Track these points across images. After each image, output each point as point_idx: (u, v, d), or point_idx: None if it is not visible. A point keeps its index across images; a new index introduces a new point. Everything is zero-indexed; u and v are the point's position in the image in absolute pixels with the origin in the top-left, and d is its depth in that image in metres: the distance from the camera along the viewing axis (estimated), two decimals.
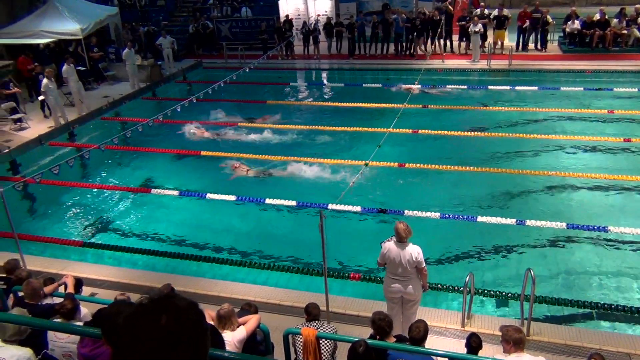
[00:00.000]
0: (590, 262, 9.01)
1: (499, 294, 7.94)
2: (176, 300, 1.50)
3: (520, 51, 20.83)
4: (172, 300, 1.50)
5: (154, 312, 1.44)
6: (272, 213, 11.07)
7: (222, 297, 7.88)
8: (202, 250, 9.96)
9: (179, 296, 1.55)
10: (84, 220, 11.41)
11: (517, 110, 15.59)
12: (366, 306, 7.62)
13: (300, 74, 22.00)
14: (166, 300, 1.49)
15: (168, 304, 1.48)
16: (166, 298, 1.51)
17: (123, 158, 14.04)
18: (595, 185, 11.28)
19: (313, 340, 5.51)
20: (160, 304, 1.48)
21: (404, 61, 20.98)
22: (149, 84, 20.02)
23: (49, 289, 6.57)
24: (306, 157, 12.93)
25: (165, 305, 1.47)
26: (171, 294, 1.56)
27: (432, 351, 5.41)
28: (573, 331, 7.16)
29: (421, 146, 13.81)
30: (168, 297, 1.52)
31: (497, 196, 11.14)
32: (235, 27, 24.64)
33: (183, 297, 1.56)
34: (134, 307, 1.50)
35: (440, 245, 9.57)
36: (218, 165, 13.02)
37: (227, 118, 16.18)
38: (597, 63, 18.94)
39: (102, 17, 21.00)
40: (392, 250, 6.56)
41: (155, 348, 1.39)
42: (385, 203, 10.51)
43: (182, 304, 1.49)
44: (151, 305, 1.48)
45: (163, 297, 1.52)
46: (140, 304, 1.49)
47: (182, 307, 1.48)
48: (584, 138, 13.32)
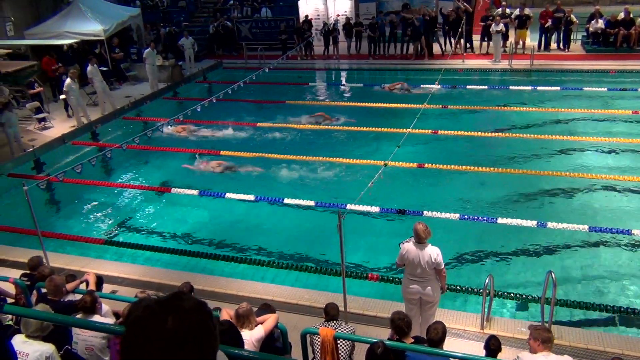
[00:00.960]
0: (613, 265, 8.86)
1: (519, 297, 7.84)
2: (183, 302, 1.51)
3: (543, 51, 20.57)
4: (178, 301, 1.51)
5: (160, 314, 1.45)
6: (290, 213, 11.09)
7: (240, 295, 7.93)
8: (221, 249, 10.04)
9: (186, 296, 1.56)
10: (106, 219, 11.58)
11: (539, 111, 15.39)
12: (384, 307, 7.59)
13: (320, 74, 22.02)
14: (172, 302, 1.50)
15: (174, 305, 1.49)
16: (172, 299, 1.52)
17: (144, 157, 14.20)
18: (619, 188, 11.08)
19: (331, 341, 5.51)
20: (166, 305, 1.49)
21: (423, 61, 20.87)
22: (170, 84, 20.23)
23: (71, 286, 6.69)
24: (325, 157, 12.95)
25: (172, 306, 1.48)
26: (179, 294, 1.56)
27: (450, 353, 5.37)
28: (595, 335, 7.04)
29: (441, 147, 13.72)
30: (175, 297, 1.53)
31: (517, 198, 11.01)
32: (255, 27, 24.75)
33: (191, 297, 1.57)
34: (140, 308, 1.50)
35: (460, 247, 9.50)
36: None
37: (250, 117, 16.28)
38: (621, 63, 18.60)
39: (124, 18, 21.29)
40: (411, 251, 6.53)
41: (161, 349, 1.41)
42: (405, 203, 10.46)
43: (188, 305, 1.50)
44: (157, 306, 1.48)
45: (169, 297, 1.53)
46: (147, 305, 1.50)
47: (188, 308, 1.49)
48: (608, 139, 13.09)
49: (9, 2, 20.26)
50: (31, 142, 14.83)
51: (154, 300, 1.52)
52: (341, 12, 24.04)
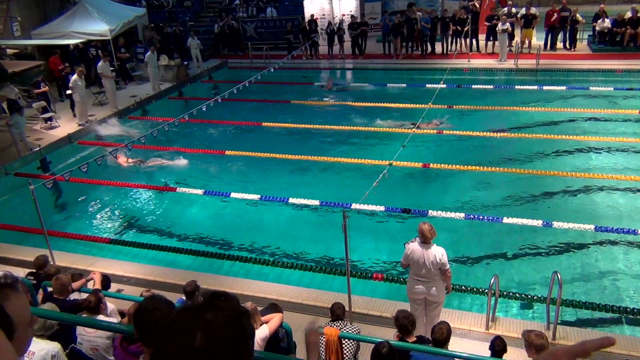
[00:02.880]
0: (619, 265, 8.82)
1: (525, 297, 7.82)
2: (216, 313, 1.38)
3: (549, 50, 20.48)
4: (211, 311, 1.38)
5: (188, 329, 1.34)
6: (295, 212, 11.11)
7: (245, 295, 7.94)
8: (226, 248, 10.06)
9: (221, 304, 1.43)
10: (111, 218, 11.63)
11: (544, 111, 15.33)
12: (389, 307, 7.58)
13: (325, 73, 22.01)
14: (203, 313, 1.38)
15: (205, 319, 1.36)
16: (205, 307, 1.39)
17: (150, 156, 14.23)
18: (626, 188, 11.03)
19: (335, 340, 5.51)
20: (196, 317, 1.37)
21: (429, 61, 20.83)
22: (176, 84, 20.28)
23: (76, 285, 6.72)
24: (330, 157, 12.96)
25: (202, 320, 1.36)
26: (212, 301, 1.43)
27: (455, 354, 5.36)
28: (601, 336, 6.98)
29: (446, 146, 13.70)
30: (207, 306, 1.40)
31: (523, 197, 10.98)
32: (260, 27, 24.78)
33: (225, 304, 1.43)
34: (167, 320, 1.40)
35: (465, 247, 9.49)
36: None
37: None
38: (628, 62, 18.48)
39: (130, 18, 21.36)
40: (416, 251, 6.52)
41: None
42: (410, 203, 10.45)
43: (220, 319, 1.37)
44: (187, 319, 1.37)
45: (202, 305, 1.40)
46: (176, 318, 1.40)
47: (219, 323, 1.36)
48: (614, 139, 13.03)
49: (16, 2, 20.37)
50: (37, 142, 14.91)
51: (182, 310, 1.42)
52: (347, 11, 24.02)
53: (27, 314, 1.69)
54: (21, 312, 1.65)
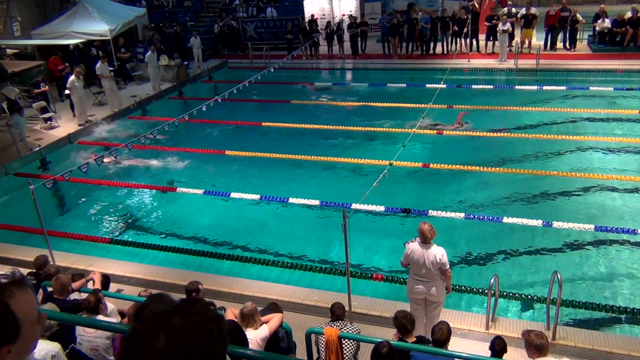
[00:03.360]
0: (619, 265, 8.82)
1: (525, 297, 7.82)
2: (184, 316, 1.37)
3: (548, 50, 20.48)
4: (178, 315, 1.38)
5: (154, 331, 1.34)
6: (295, 212, 11.10)
7: (245, 295, 7.94)
8: (226, 248, 10.06)
9: (192, 308, 1.42)
10: (111, 218, 11.62)
11: (544, 111, 15.32)
12: (389, 307, 7.58)
13: (325, 73, 22.02)
14: (170, 316, 1.37)
15: (170, 322, 1.36)
16: (173, 312, 1.38)
17: (150, 157, 14.23)
18: (625, 188, 11.03)
19: (335, 340, 5.51)
20: (163, 320, 1.37)
21: (429, 61, 20.83)
22: (176, 84, 20.28)
23: (76, 285, 6.71)
24: (330, 157, 12.96)
25: (168, 323, 1.36)
26: (184, 305, 1.43)
27: (455, 354, 5.36)
28: (601, 336, 7.00)
29: (446, 146, 13.69)
30: (175, 310, 1.39)
31: (523, 197, 10.97)
32: (260, 27, 24.78)
33: (196, 309, 1.42)
34: (140, 320, 1.41)
35: (465, 247, 9.49)
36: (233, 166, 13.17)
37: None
38: (628, 62, 18.48)
39: (130, 18, 21.37)
40: (416, 251, 6.52)
41: None
42: (410, 203, 10.45)
43: (185, 322, 1.36)
44: (153, 321, 1.37)
45: (172, 309, 1.40)
46: (145, 318, 1.40)
47: (184, 325, 1.35)
48: (614, 139, 13.03)
49: (15, 2, 20.37)
50: (37, 142, 14.91)
51: (154, 313, 1.41)
52: (347, 11, 24.01)
53: (33, 312, 1.68)
54: (27, 310, 1.64)
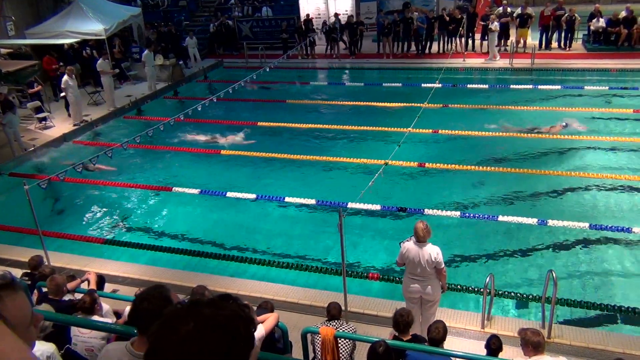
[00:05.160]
0: (614, 264, 8.85)
1: (520, 296, 7.83)
2: (209, 311, 1.41)
3: (544, 50, 20.54)
4: (204, 310, 1.42)
5: (183, 317, 1.39)
6: (291, 211, 11.10)
7: (241, 294, 7.92)
8: (222, 248, 10.04)
9: (223, 304, 1.45)
10: (107, 218, 11.59)
11: (540, 110, 15.37)
12: (385, 306, 7.59)
13: (321, 73, 22.02)
14: (200, 309, 1.42)
15: (199, 312, 1.41)
16: (202, 305, 1.43)
17: (145, 156, 14.21)
18: (620, 186, 11.07)
19: (331, 340, 5.51)
20: (193, 310, 1.42)
21: (424, 60, 20.86)
22: (171, 84, 20.24)
23: (71, 285, 6.69)
24: (326, 156, 12.97)
25: (196, 313, 1.41)
26: (216, 301, 1.47)
27: (451, 352, 5.37)
28: (596, 334, 7.03)
29: (441, 146, 13.72)
30: (205, 304, 1.44)
31: (518, 196, 11.01)
32: (256, 26, 24.76)
33: (228, 306, 1.45)
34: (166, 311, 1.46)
35: (461, 246, 9.50)
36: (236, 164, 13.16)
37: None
38: (622, 62, 18.57)
39: (125, 18, 21.30)
40: (411, 250, 6.53)
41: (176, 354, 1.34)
42: (405, 202, 10.47)
43: (212, 317, 1.40)
44: (186, 308, 1.42)
45: (201, 302, 1.45)
46: (174, 307, 1.46)
47: (212, 319, 1.39)
48: (608, 138, 13.08)
49: (9, 1, 20.28)
50: (32, 142, 14.85)
51: (187, 303, 1.46)
52: (342, 11, 24.01)
53: (26, 314, 1.66)
54: (18, 313, 1.62)
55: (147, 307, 2.72)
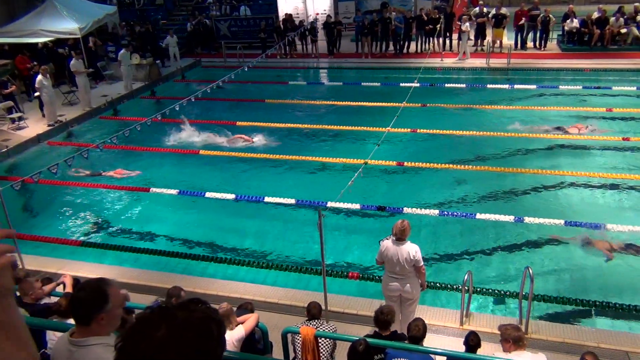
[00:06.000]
0: (588, 260, 9.01)
1: (498, 293, 7.94)
2: (181, 314, 1.42)
3: (519, 50, 20.83)
4: (181, 311, 1.43)
5: (155, 321, 1.40)
6: (270, 211, 11.06)
7: (220, 296, 7.88)
8: (201, 249, 9.96)
9: (195, 307, 1.46)
10: (83, 220, 11.40)
11: (516, 109, 15.58)
12: (365, 305, 7.62)
13: (299, 72, 21.99)
14: (171, 312, 1.43)
15: (170, 316, 1.42)
16: (176, 308, 1.45)
17: (122, 157, 14.01)
18: (594, 184, 11.29)
19: (312, 339, 5.51)
20: (165, 314, 1.43)
21: (403, 60, 20.99)
22: (148, 83, 20.01)
23: (47, 289, 6.57)
24: (305, 156, 12.96)
25: (169, 315, 1.42)
26: (188, 304, 1.48)
27: (430, 350, 5.41)
28: (571, 329, 7.17)
29: (420, 145, 13.81)
30: (176, 308, 1.45)
31: (495, 194, 11.15)
32: (234, 26, 24.63)
33: (198, 308, 1.47)
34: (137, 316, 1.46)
35: (439, 243, 9.58)
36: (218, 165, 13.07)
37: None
38: (596, 62, 18.95)
39: (100, 16, 20.99)
40: (390, 248, 6.56)
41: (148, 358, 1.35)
42: (385, 201, 10.52)
43: (184, 320, 1.40)
44: (157, 313, 1.43)
45: (175, 306, 1.47)
46: (147, 312, 1.46)
47: (184, 321, 1.40)
48: (582, 137, 13.32)
49: None
50: (5, 142, 14.54)
51: (157, 307, 1.47)
52: (320, 10, 24.03)
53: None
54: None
55: (82, 297, 2.74)
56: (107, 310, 2.70)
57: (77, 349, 2.69)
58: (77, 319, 2.77)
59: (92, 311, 2.70)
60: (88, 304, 2.72)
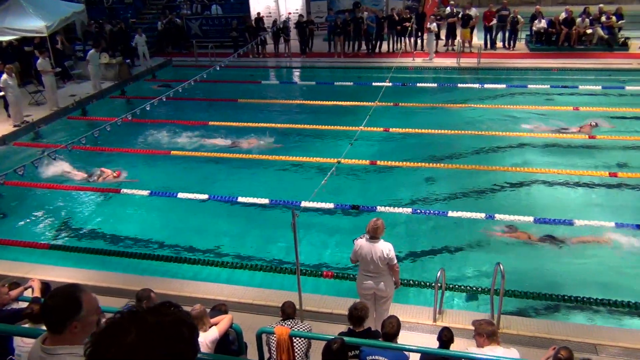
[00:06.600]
0: (557, 256, 9.20)
1: (470, 289, 8.06)
2: (151, 318, 1.41)
3: (489, 49, 21.16)
4: (147, 317, 1.41)
5: (124, 326, 1.38)
6: (244, 211, 11.00)
7: (194, 297, 7.80)
8: (173, 250, 9.84)
9: (167, 310, 1.45)
10: (51, 222, 11.14)
11: (486, 108, 15.83)
12: (339, 303, 7.63)
13: (272, 72, 21.93)
14: (141, 317, 1.42)
15: (140, 320, 1.40)
16: (143, 313, 1.43)
17: (91, 158, 13.73)
18: (561, 181, 11.55)
19: (286, 339, 5.50)
20: (134, 318, 1.41)
21: (375, 59, 21.12)
22: (118, 83, 19.68)
23: (14, 294, 6.40)
24: (278, 156, 12.93)
25: (138, 321, 1.40)
26: (161, 308, 1.47)
27: (405, 347, 5.46)
28: (541, 323, 7.32)
29: (393, 143, 13.91)
30: (147, 312, 1.44)
31: (467, 192, 11.30)
32: (205, 24, 24.40)
33: (169, 312, 1.45)
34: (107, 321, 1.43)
35: (413, 241, 9.67)
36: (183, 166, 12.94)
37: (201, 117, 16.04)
38: (563, 61, 19.39)
39: (67, 14, 20.51)
40: (364, 247, 6.60)
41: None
42: (358, 200, 10.56)
43: (154, 324, 1.39)
44: (127, 317, 1.41)
45: (143, 310, 1.45)
46: (116, 316, 1.44)
47: (154, 326, 1.39)
48: (550, 136, 13.61)
49: None
50: None
51: (127, 311, 1.44)
52: (292, 10, 23.99)
53: None
54: None
55: (54, 305, 2.64)
56: (80, 318, 2.62)
57: (47, 356, 2.62)
58: (49, 326, 2.69)
59: (64, 319, 2.61)
60: (60, 311, 2.61)
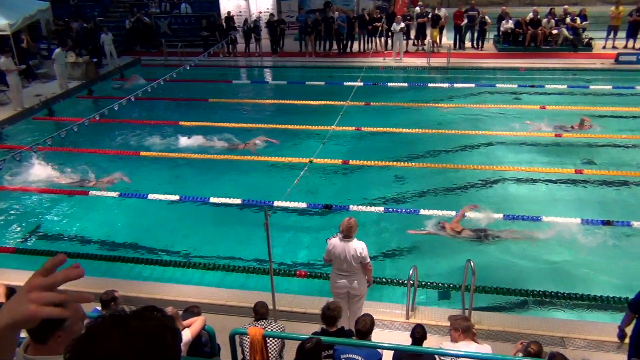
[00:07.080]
0: (525, 251, 9.39)
1: (442, 286, 8.16)
2: (133, 323, 1.36)
3: (458, 49, 21.46)
4: (129, 322, 1.36)
5: (106, 332, 1.33)
6: (216, 212, 10.91)
7: (166, 300, 7.69)
8: (144, 252, 9.69)
9: (150, 314, 1.41)
10: (16, 226, 10.84)
11: (455, 107, 16.05)
12: (313, 303, 7.63)
13: (243, 71, 21.80)
14: (123, 321, 1.37)
15: (123, 325, 1.35)
16: (126, 317, 1.38)
17: (58, 160, 13.41)
18: (529, 178, 11.79)
19: (260, 340, 5.47)
20: (116, 323, 1.36)
21: (346, 59, 21.20)
22: (85, 82, 19.27)
23: None
24: (250, 156, 12.87)
25: (120, 326, 1.35)
26: (143, 312, 1.42)
27: (378, 344, 5.49)
28: (511, 318, 7.47)
29: (365, 143, 13.98)
30: (130, 316, 1.39)
31: (437, 190, 11.44)
32: (174, 23, 24.08)
33: (153, 316, 1.41)
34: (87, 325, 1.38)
35: (385, 240, 9.74)
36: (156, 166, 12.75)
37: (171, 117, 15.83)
38: (529, 61, 19.80)
39: (32, 12, 20.02)
40: (337, 246, 6.61)
41: None
42: (331, 199, 10.59)
43: (137, 329, 1.35)
44: (108, 322, 1.36)
45: (126, 315, 1.40)
46: (97, 321, 1.39)
47: (137, 331, 1.34)
48: (518, 133, 13.88)
49: None
50: None
51: (109, 315, 1.40)
52: (263, 9, 23.89)
53: None
54: None
55: None
56: (64, 327, 2.52)
57: None
58: (32, 336, 2.60)
59: (47, 329, 2.51)
60: (43, 321, 2.53)
